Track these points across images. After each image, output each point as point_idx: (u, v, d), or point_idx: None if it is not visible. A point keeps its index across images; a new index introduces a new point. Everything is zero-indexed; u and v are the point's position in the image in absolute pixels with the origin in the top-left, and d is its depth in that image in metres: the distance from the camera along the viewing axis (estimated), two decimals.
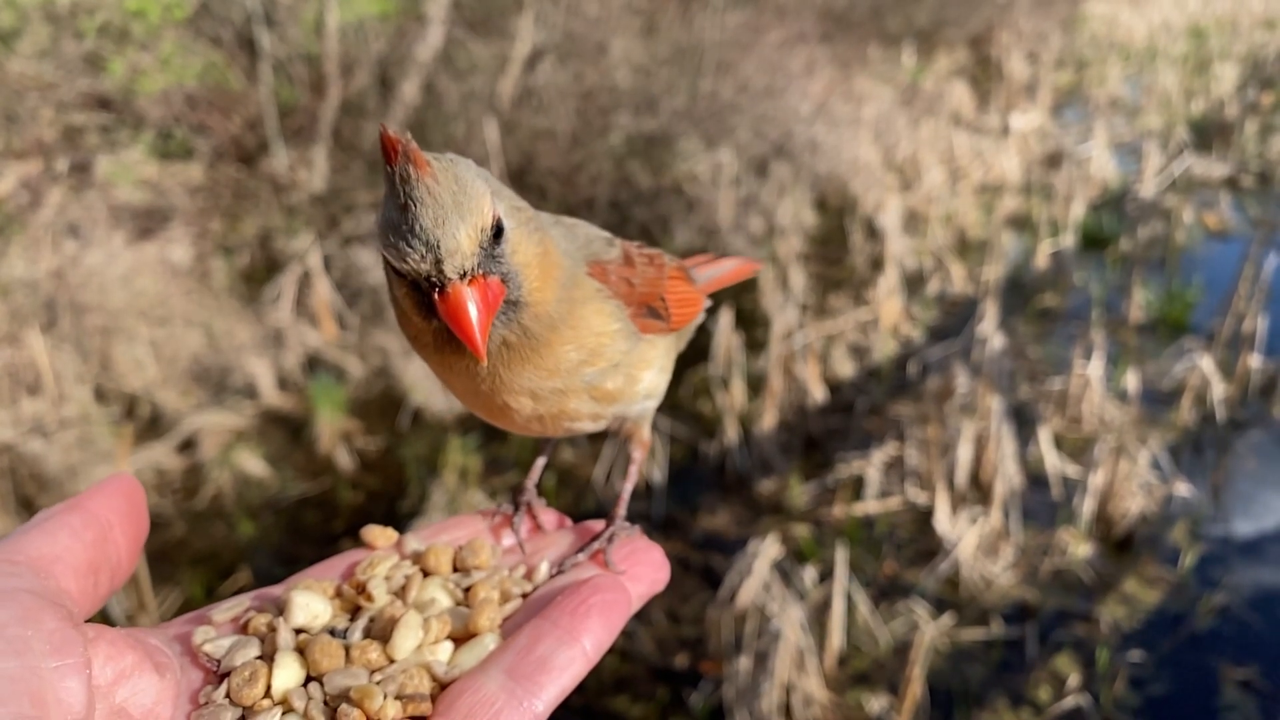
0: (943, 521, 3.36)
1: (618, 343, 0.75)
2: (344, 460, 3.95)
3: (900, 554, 3.42)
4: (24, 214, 4.38)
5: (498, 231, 0.64)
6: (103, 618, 2.76)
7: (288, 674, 0.57)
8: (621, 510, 0.76)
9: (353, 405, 4.23)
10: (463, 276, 0.61)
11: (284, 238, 5.13)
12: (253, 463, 3.88)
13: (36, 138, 4.73)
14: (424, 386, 4.24)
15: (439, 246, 0.60)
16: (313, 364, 4.42)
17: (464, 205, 0.61)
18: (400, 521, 3.38)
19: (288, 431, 4.12)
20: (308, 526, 3.66)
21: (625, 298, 0.77)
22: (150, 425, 4.01)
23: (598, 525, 0.76)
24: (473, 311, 0.61)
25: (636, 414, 0.83)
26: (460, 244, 0.61)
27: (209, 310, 4.44)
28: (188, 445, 3.96)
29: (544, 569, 0.70)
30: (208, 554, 3.51)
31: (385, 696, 0.56)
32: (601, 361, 0.74)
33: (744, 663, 2.74)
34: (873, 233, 5.86)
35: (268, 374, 4.24)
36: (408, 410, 4.21)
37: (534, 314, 0.68)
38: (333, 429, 4.02)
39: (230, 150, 5.46)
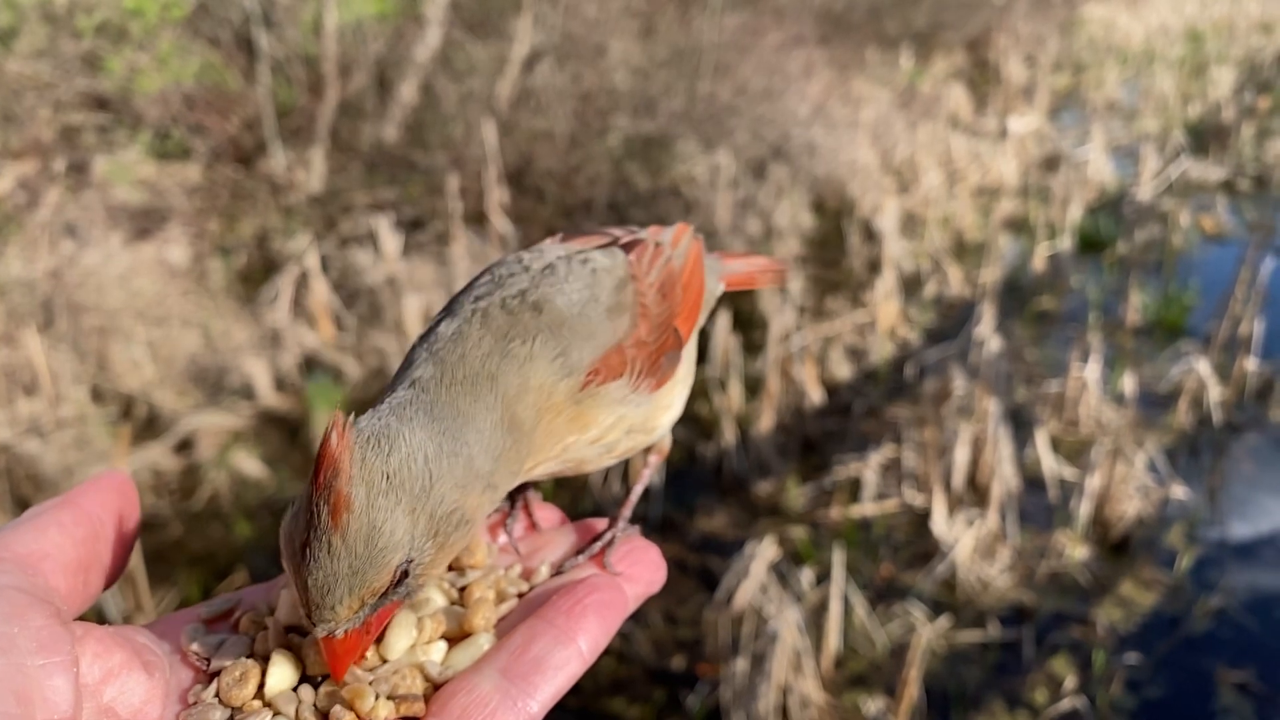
0: (940, 524, 3.36)
1: (621, 419, 0.73)
2: None
3: (897, 556, 3.41)
4: (21, 214, 4.37)
5: (403, 574, 0.58)
6: (98, 617, 2.75)
7: (279, 674, 0.57)
8: (627, 512, 0.75)
9: (350, 406, 4.21)
10: (333, 633, 0.56)
11: (281, 238, 5.13)
12: (250, 463, 3.87)
13: (34, 137, 4.72)
14: None
15: (317, 608, 0.55)
16: (310, 365, 4.42)
17: (359, 575, 0.55)
18: None
19: (285, 432, 4.11)
20: None
21: (643, 361, 0.73)
22: (147, 425, 4.00)
23: (599, 524, 0.74)
24: (335, 661, 0.57)
25: (658, 438, 0.82)
26: (337, 614, 0.55)
27: (206, 310, 4.43)
28: (185, 446, 3.95)
29: (544, 571, 0.69)
30: (204, 555, 3.50)
31: (377, 697, 0.55)
32: (612, 434, 0.73)
33: (741, 664, 2.74)
34: (870, 235, 5.85)
35: (265, 374, 4.23)
36: None
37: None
38: None
39: (228, 150, 5.45)
